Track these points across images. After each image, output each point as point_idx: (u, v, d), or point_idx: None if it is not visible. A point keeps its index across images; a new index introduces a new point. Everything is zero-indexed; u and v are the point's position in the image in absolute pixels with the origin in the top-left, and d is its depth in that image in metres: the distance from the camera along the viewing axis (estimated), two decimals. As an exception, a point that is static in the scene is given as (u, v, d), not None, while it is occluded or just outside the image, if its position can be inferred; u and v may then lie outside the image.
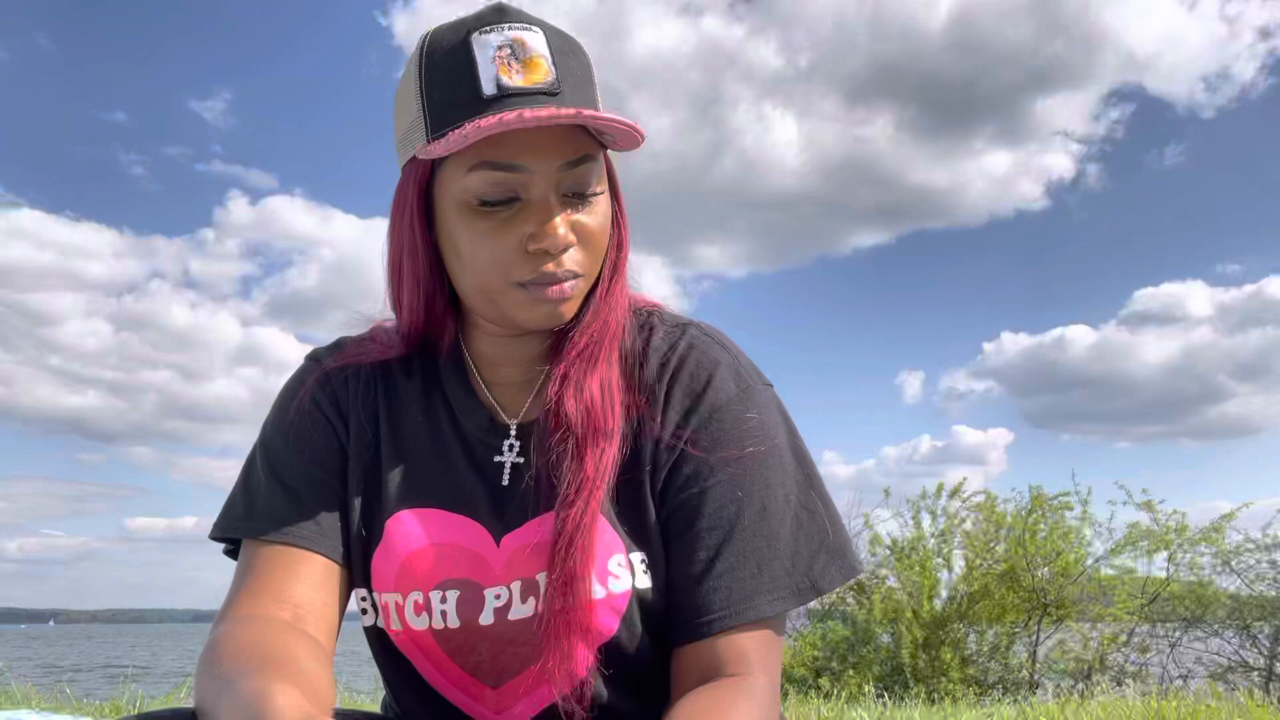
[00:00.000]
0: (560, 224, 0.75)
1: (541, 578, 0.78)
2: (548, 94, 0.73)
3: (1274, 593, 7.01)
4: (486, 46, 0.73)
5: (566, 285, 0.77)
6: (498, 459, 0.83)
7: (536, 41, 0.74)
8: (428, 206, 0.79)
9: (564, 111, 0.70)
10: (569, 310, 0.79)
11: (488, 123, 0.70)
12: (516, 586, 0.79)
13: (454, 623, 0.79)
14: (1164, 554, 7.19)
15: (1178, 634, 7.22)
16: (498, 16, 0.75)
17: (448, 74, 0.74)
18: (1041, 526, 7.14)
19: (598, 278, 0.82)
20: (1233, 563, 7.06)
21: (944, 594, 7.40)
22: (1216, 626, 7.17)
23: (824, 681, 6.88)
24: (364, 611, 0.84)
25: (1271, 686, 6.52)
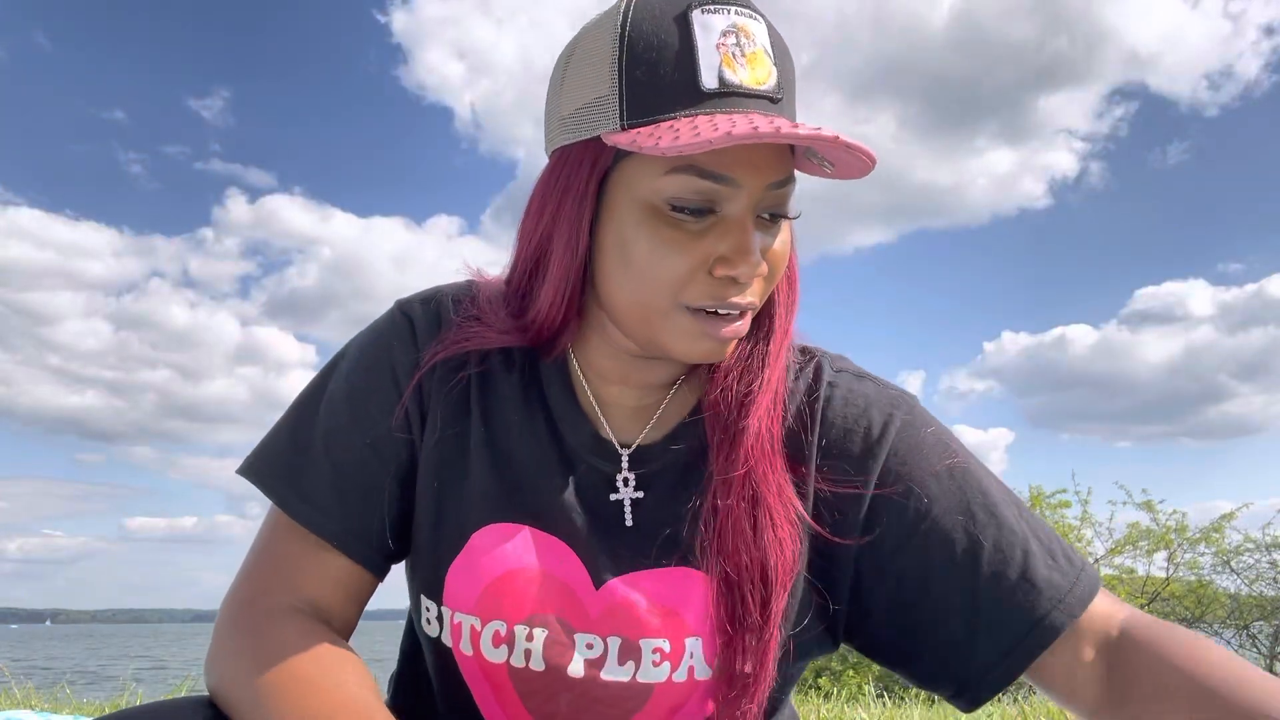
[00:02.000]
0: (754, 246, 0.65)
1: (645, 644, 0.69)
2: (770, 99, 0.64)
3: (1274, 593, 7.01)
4: (710, 29, 0.63)
5: (741, 323, 0.68)
6: (614, 496, 0.73)
7: (761, 33, 0.64)
8: (600, 196, 0.67)
9: (818, 131, 0.59)
10: (733, 349, 0.70)
11: (716, 131, 0.59)
12: (615, 644, 0.70)
13: (537, 665, 0.70)
14: (1164, 554, 7.19)
15: None
16: None
17: (659, 52, 0.63)
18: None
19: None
20: (1233, 563, 7.07)
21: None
22: (1216, 626, 7.18)
23: (824, 681, 6.88)
24: (428, 622, 0.75)
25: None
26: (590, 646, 0.70)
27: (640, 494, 0.73)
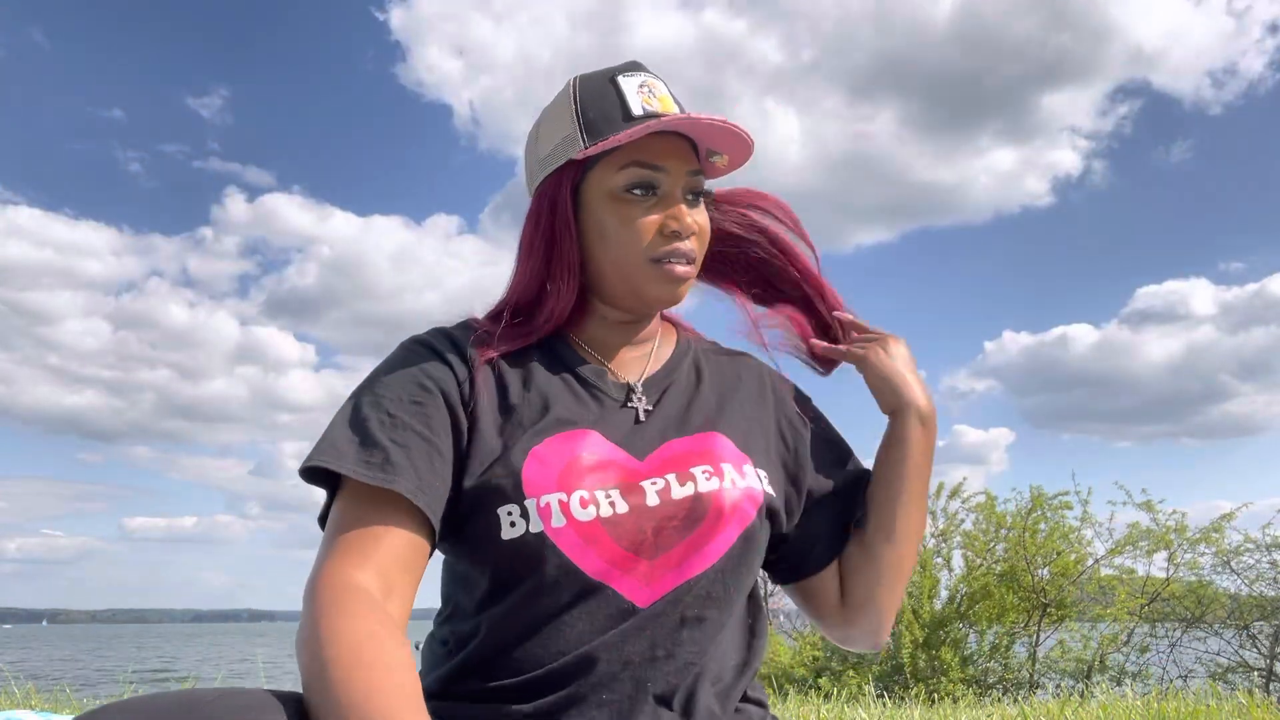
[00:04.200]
0: (686, 214, 0.98)
1: (696, 470, 0.95)
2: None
3: (1274, 593, 7.01)
4: (630, 83, 0.99)
5: (688, 268, 0.99)
6: (630, 404, 1.01)
7: (662, 86, 1.01)
8: (576, 204, 1.00)
9: (703, 116, 0.95)
10: (684, 292, 1.01)
11: (644, 126, 0.93)
12: (673, 476, 0.94)
13: (622, 509, 0.91)
14: (1164, 554, 7.19)
15: (1178, 634, 7.23)
16: (634, 67, 1.02)
17: (599, 100, 0.98)
18: (1041, 526, 7.15)
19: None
20: (1233, 563, 7.07)
21: (944, 594, 7.40)
22: (1216, 626, 7.18)
23: (824, 682, 6.88)
24: (512, 524, 0.88)
25: (1271, 686, 6.53)
26: (655, 484, 0.93)
27: (651, 408, 1.01)
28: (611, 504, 0.90)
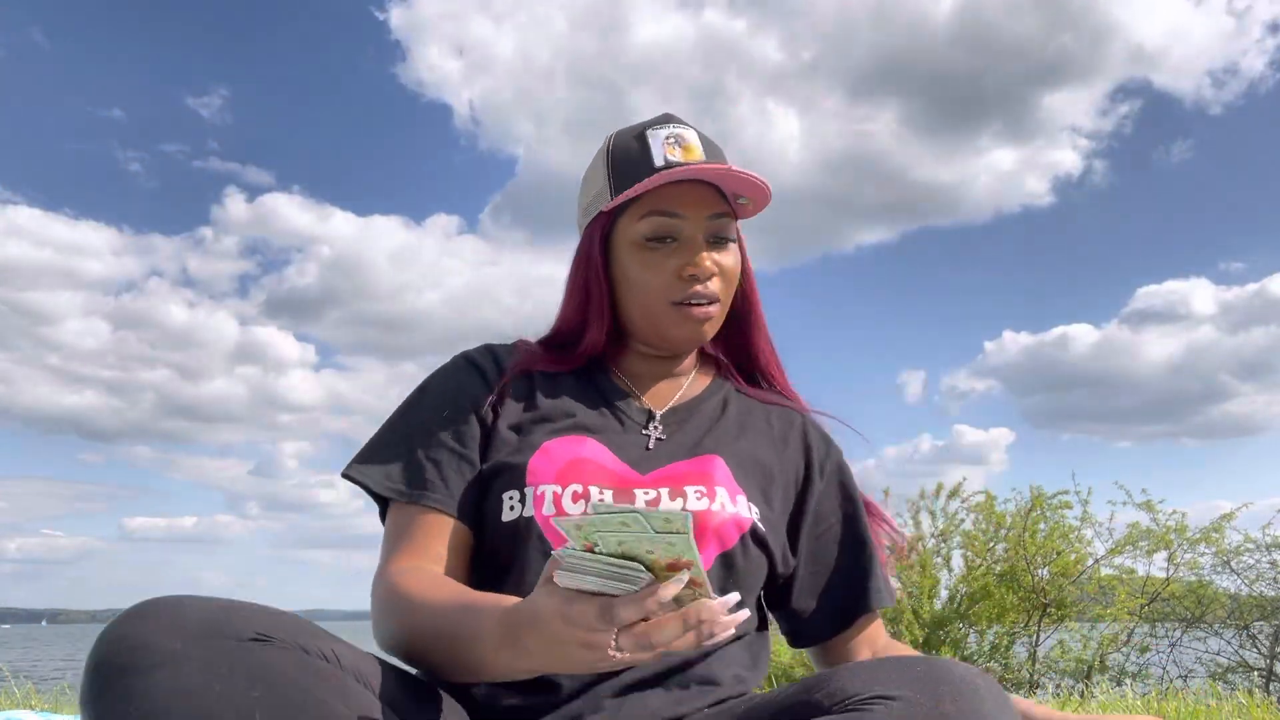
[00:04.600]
0: (705, 258, 1.04)
1: (689, 488, 1.00)
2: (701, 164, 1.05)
3: (1274, 593, 7.01)
4: (657, 137, 1.06)
5: (710, 309, 1.06)
6: (645, 432, 1.08)
7: (691, 136, 1.07)
8: (607, 251, 1.08)
9: (710, 165, 1.03)
10: (709, 330, 1.08)
11: (654, 178, 1.01)
12: (665, 491, 1.00)
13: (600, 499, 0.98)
14: (1164, 554, 7.19)
15: (1178, 634, 7.22)
16: (665, 120, 1.09)
17: (626, 155, 1.07)
18: (1041, 526, 7.14)
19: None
20: (1233, 563, 7.06)
21: (944, 594, 7.40)
22: (1216, 626, 7.18)
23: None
24: (511, 509, 0.98)
25: (1271, 686, 6.53)
26: (648, 494, 0.99)
27: (664, 437, 1.08)
28: (602, 499, 0.97)
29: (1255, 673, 6.78)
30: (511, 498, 0.99)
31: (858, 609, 1.11)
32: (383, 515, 1.05)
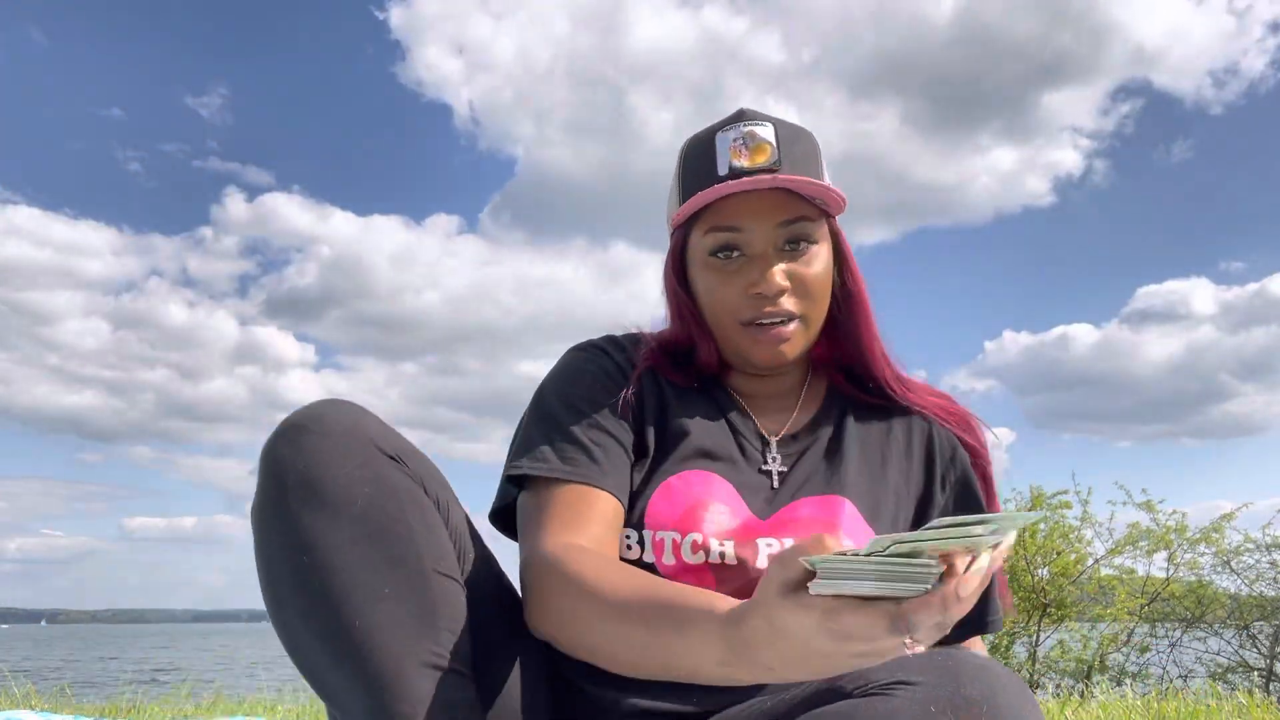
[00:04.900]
0: (776, 273, 0.95)
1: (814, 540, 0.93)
2: (768, 171, 0.95)
3: (1274, 593, 7.00)
4: (725, 139, 0.97)
5: (785, 328, 0.97)
6: (764, 467, 1.00)
7: (765, 132, 0.96)
8: (684, 265, 1.02)
9: (759, 178, 0.93)
10: (790, 350, 0.98)
11: (709, 192, 0.94)
12: (789, 542, 0.93)
13: (731, 561, 0.91)
14: (1164, 554, 7.19)
15: (1178, 634, 7.22)
16: (737, 117, 0.98)
17: (696, 161, 0.99)
18: (1041, 526, 7.14)
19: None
20: (1233, 563, 7.06)
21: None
22: (1216, 626, 7.17)
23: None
24: (628, 548, 0.94)
25: (1271, 686, 6.52)
26: (770, 545, 0.93)
27: (785, 469, 1.00)
28: (722, 554, 0.91)
29: (1255, 673, 6.78)
30: (629, 537, 0.94)
31: (968, 633, 1.05)
32: (500, 518, 1.01)
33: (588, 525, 0.90)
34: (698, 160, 0.98)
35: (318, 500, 0.78)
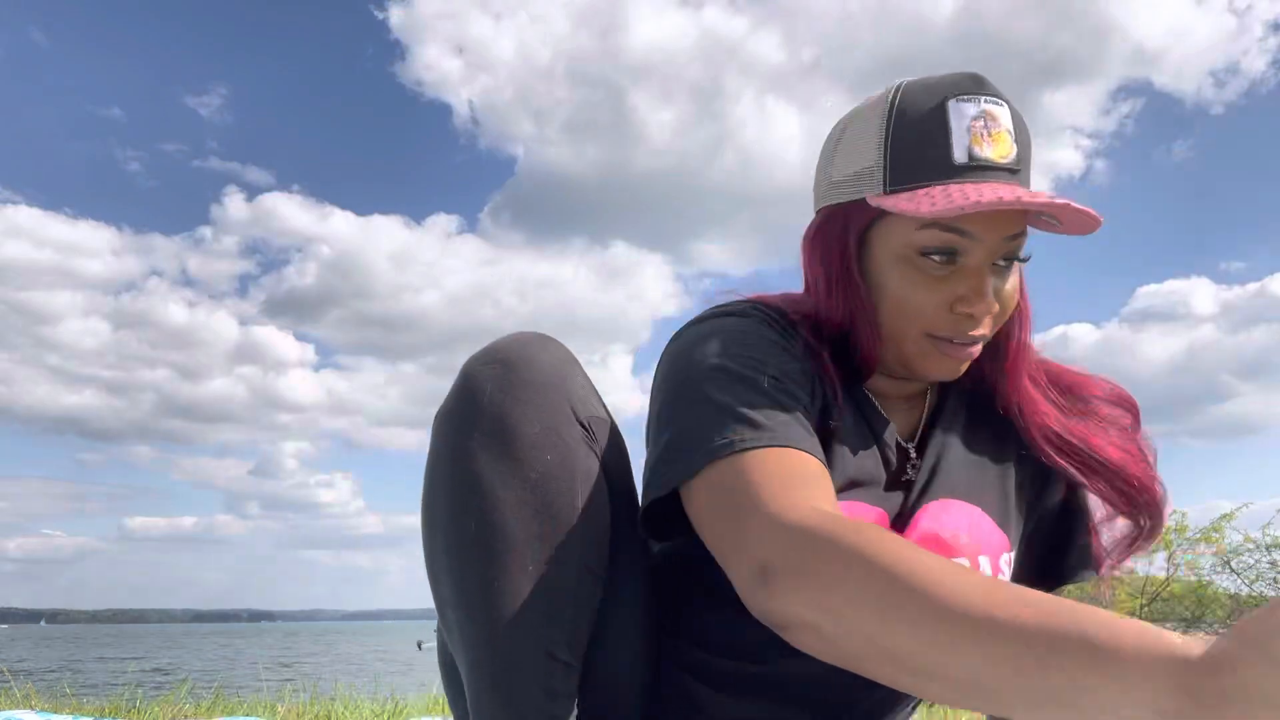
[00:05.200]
0: (989, 294, 0.81)
1: (981, 559, 0.88)
2: (1010, 170, 0.80)
3: (1274, 593, 7.00)
4: (963, 115, 0.79)
5: (974, 349, 0.85)
6: (906, 477, 0.91)
7: (1004, 116, 0.80)
8: (861, 244, 0.85)
9: (1051, 200, 0.74)
10: (964, 368, 0.87)
11: (966, 199, 0.74)
12: None
13: None
14: (1164, 554, 7.19)
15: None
16: (975, 86, 0.80)
17: (918, 129, 0.79)
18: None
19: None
20: (1233, 563, 7.07)
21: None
22: (1216, 626, 7.18)
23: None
24: None
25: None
26: None
27: (926, 479, 0.91)
28: None
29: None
30: None
31: (1061, 575, 0.99)
32: (650, 520, 0.81)
33: (814, 488, 0.71)
34: (923, 129, 0.79)
35: (501, 448, 0.78)
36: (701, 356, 0.81)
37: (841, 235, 0.85)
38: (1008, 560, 0.90)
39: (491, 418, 0.78)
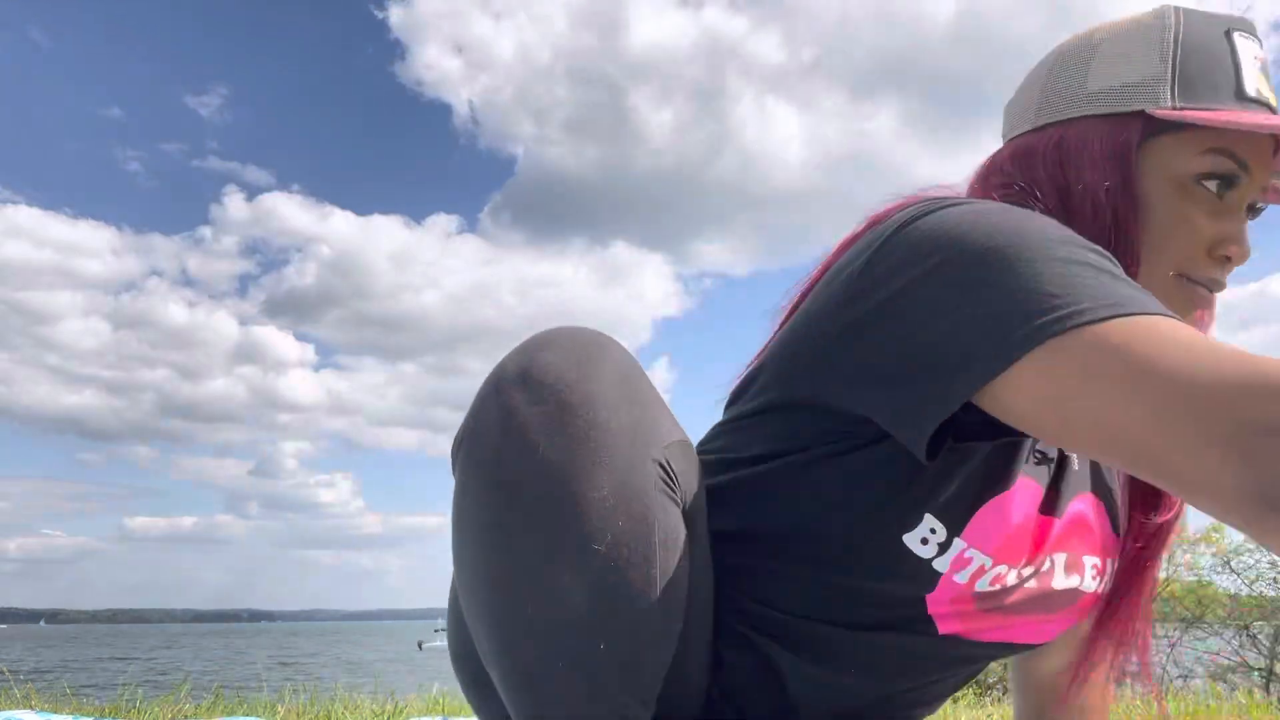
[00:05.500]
0: (1246, 236, 0.75)
1: (1086, 561, 0.81)
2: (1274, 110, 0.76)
3: (1274, 593, 7.01)
4: (1247, 50, 0.75)
5: (1213, 298, 0.76)
6: (1050, 454, 0.80)
7: (1264, 58, 0.77)
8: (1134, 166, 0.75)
9: None
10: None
11: (1270, 121, 0.69)
12: (1061, 560, 0.79)
13: (1010, 581, 0.76)
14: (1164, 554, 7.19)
15: (1178, 634, 7.23)
16: (1251, 28, 0.77)
17: (1208, 56, 0.74)
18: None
19: None
20: (1233, 563, 7.07)
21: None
22: (1216, 626, 7.18)
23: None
24: (923, 541, 0.72)
25: (1271, 686, 6.52)
26: (1046, 563, 0.78)
27: (1060, 460, 0.80)
28: (999, 579, 0.75)
29: (1255, 673, 6.78)
30: (935, 530, 0.72)
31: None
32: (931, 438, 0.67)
33: None
34: (1211, 53, 0.74)
35: (560, 521, 0.62)
36: (1020, 223, 0.63)
37: (1121, 147, 0.74)
38: (1114, 563, 0.85)
39: (545, 480, 0.62)
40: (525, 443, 0.63)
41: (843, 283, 0.69)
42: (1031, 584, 0.77)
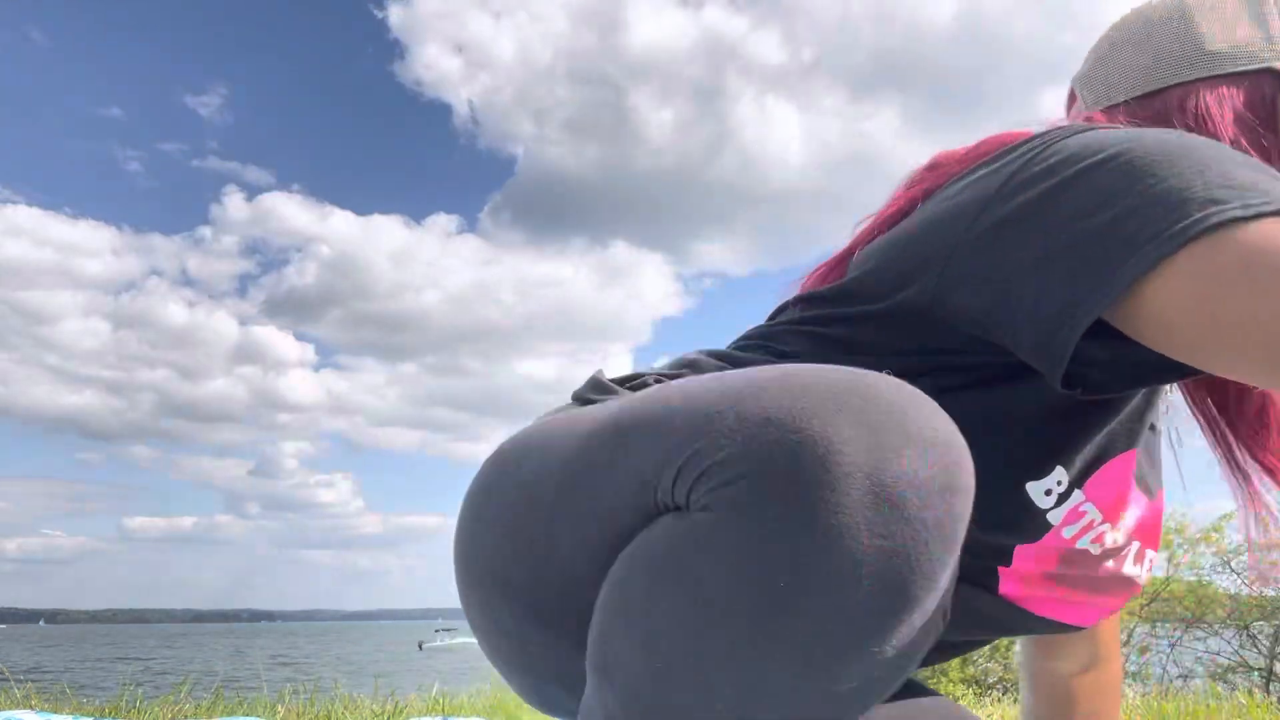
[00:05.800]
0: None
1: (1149, 554, 0.81)
2: None
3: (1274, 593, 7.02)
4: None
5: None
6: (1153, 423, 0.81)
7: None
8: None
9: None
10: None
11: None
12: (1134, 549, 0.79)
13: (1093, 551, 0.75)
14: (1164, 554, 7.19)
15: (1178, 634, 7.23)
16: None
17: None
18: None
19: None
20: (1233, 563, 7.07)
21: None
22: (1216, 626, 7.18)
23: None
24: (1047, 492, 0.70)
25: (1271, 686, 6.53)
26: (1126, 549, 0.78)
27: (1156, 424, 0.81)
28: (1100, 538, 0.74)
29: (1255, 673, 6.79)
30: (1060, 480, 0.70)
31: None
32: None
33: None
34: None
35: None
36: (1193, 140, 0.60)
37: (1264, 103, 0.74)
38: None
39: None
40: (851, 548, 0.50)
41: (983, 185, 0.65)
42: (1110, 563, 0.77)
